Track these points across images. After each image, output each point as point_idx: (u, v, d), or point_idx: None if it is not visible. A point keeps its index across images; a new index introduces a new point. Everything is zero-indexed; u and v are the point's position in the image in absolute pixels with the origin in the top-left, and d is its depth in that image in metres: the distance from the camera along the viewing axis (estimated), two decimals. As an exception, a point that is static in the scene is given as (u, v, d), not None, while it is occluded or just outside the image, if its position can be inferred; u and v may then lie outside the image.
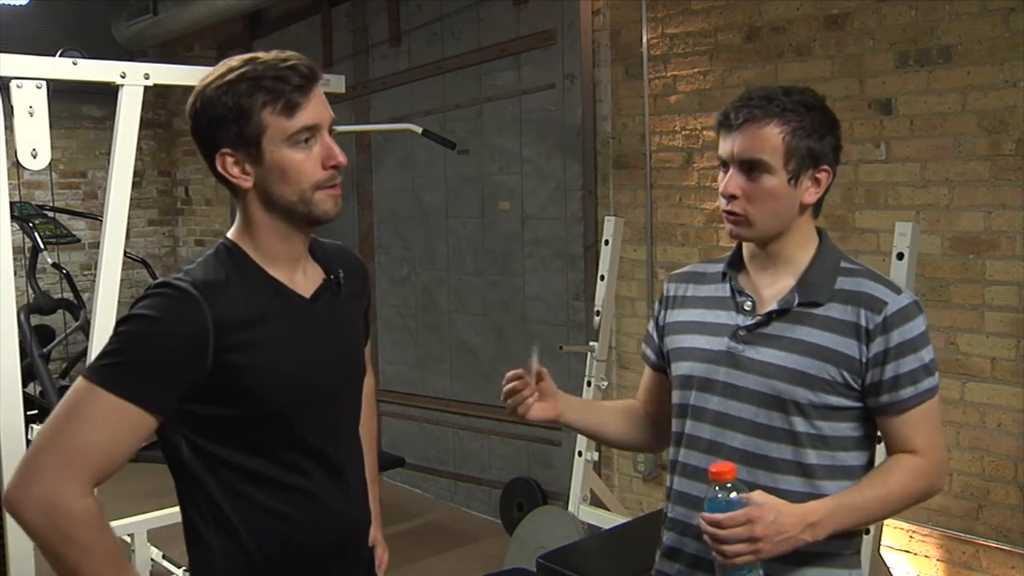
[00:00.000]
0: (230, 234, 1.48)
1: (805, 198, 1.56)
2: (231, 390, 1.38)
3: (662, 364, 1.75)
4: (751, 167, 1.53)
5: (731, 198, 1.56)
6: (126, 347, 1.35)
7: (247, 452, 1.42)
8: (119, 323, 1.39)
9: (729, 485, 1.42)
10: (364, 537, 1.62)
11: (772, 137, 1.52)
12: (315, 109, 1.40)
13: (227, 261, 1.44)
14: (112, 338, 1.37)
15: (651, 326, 1.79)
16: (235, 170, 1.41)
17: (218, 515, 1.43)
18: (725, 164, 1.58)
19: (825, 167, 1.56)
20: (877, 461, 1.60)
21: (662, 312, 1.75)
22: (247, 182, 1.41)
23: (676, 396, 1.67)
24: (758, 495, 1.44)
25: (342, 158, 1.42)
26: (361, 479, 1.60)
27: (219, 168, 1.41)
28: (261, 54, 1.41)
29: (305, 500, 1.46)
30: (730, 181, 1.56)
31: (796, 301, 1.55)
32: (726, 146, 1.56)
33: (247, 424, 1.41)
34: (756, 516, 1.41)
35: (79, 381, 1.36)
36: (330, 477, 1.50)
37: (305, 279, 1.50)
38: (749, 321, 1.58)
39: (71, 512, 1.29)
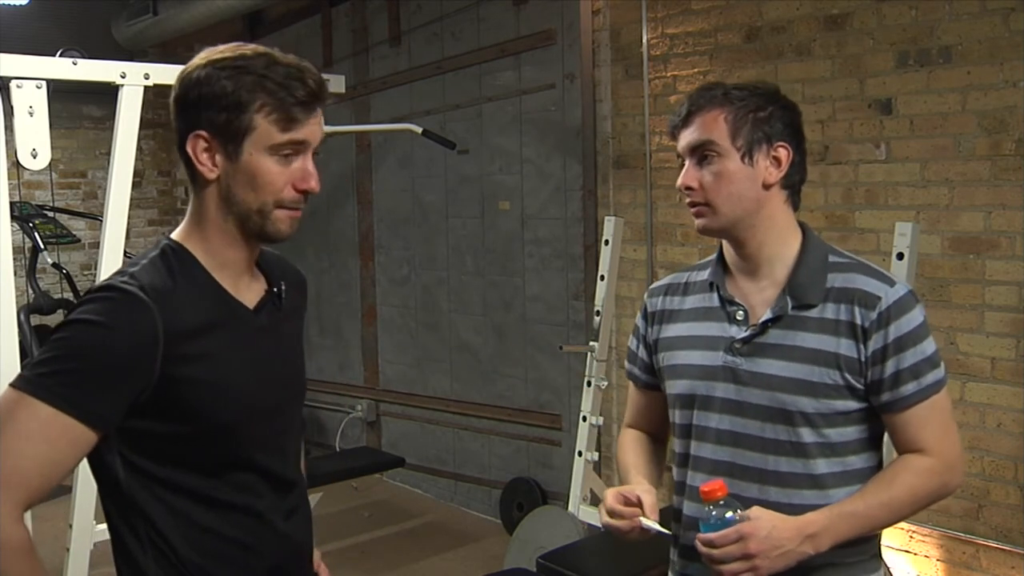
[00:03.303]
0: (175, 234, 1.38)
1: (766, 178, 1.51)
2: (176, 405, 1.28)
3: (653, 382, 1.69)
4: (702, 154, 1.51)
5: (689, 190, 1.53)
6: (66, 355, 1.23)
7: (191, 470, 1.32)
8: (57, 328, 1.26)
9: (722, 503, 1.39)
10: (307, 560, 1.52)
11: (715, 119, 1.50)
12: (309, 128, 1.33)
13: (173, 264, 1.33)
14: (49, 345, 1.24)
15: (634, 344, 1.73)
16: (203, 156, 1.31)
17: (155, 538, 1.32)
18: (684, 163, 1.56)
19: (781, 144, 1.51)
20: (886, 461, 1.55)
21: (648, 328, 1.68)
22: (212, 173, 1.32)
23: (677, 416, 1.61)
24: (754, 511, 1.40)
25: (315, 184, 1.34)
26: (305, 502, 1.51)
27: (188, 148, 1.32)
28: (278, 53, 1.33)
29: (251, 521, 1.37)
30: (686, 173, 1.53)
31: (789, 305, 1.50)
32: (679, 144, 1.55)
33: (191, 441, 1.31)
34: (748, 532, 1.37)
35: (8, 391, 1.22)
36: (276, 496, 1.41)
37: (249, 289, 1.41)
38: (744, 332, 1.53)
39: (1, 541, 1.18)
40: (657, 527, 1.47)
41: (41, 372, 1.22)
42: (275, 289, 1.45)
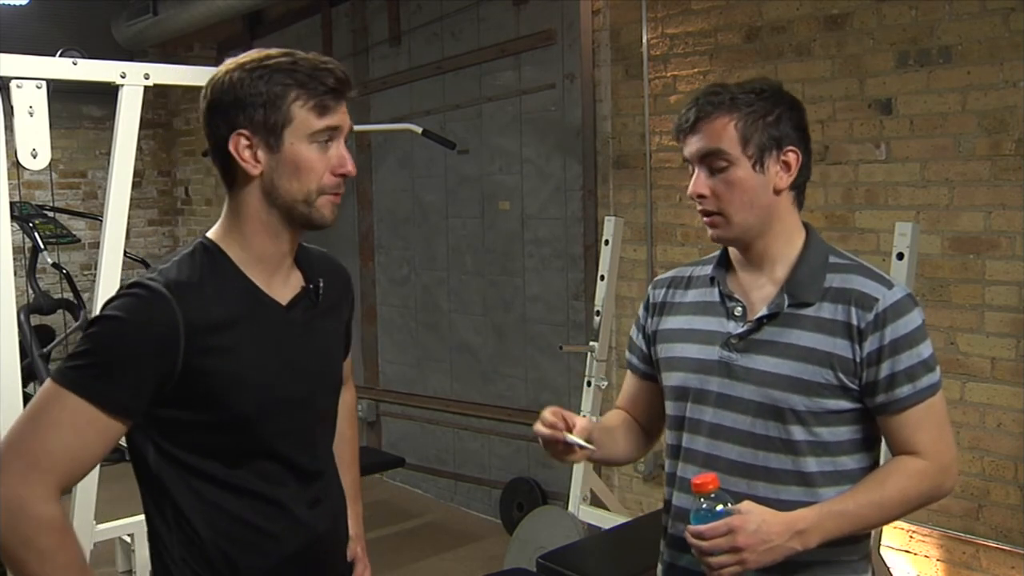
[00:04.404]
0: (211, 233, 1.45)
1: (777, 183, 1.51)
2: (199, 395, 1.35)
3: (650, 372, 1.71)
4: (713, 162, 1.51)
5: (700, 198, 1.53)
6: (94, 349, 1.31)
7: (215, 458, 1.39)
8: (89, 324, 1.35)
9: (713, 496, 1.40)
10: (335, 553, 1.57)
11: (725, 127, 1.49)
12: (341, 115, 1.40)
13: (204, 261, 1.40)
14: (81, 339, 1.33)
15: (635, 333, 1.74)
16: (247, 154, 1.38)
17: (182, 522, 1.39)
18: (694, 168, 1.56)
19: (791, 148, 1.51)
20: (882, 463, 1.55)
21: (649, 319, 1.70)
22: (255, 169, 1.38)
23: (670, 407, 1.63)
24: (745, 505, 1.41)
25: (352, 168, 1.41)
26: (334, 493, 1.56)
27: (231, 147, 1.37)
28: (300, 52, 1.40)
29: (273, 509, 1.43)
30: (696, 181, 1.53)
31: (786, 303, 1.50)
32: (686, 149, 1.54)
33: (214, 429, 1.37)
34: (737, 525, 1.38)
35: (47, 383, 1.32)
36: (300, 486, 1.46)
37: (284, 285, 1.47)
38: (740, 328, 1.53)
39: (33, 517, 1.25)
40: (579, 441, 1.52)
41: (72, 365, 1.31)
42: (312, 286, 1.50)
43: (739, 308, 1.55)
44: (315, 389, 1.51)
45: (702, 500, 1.40)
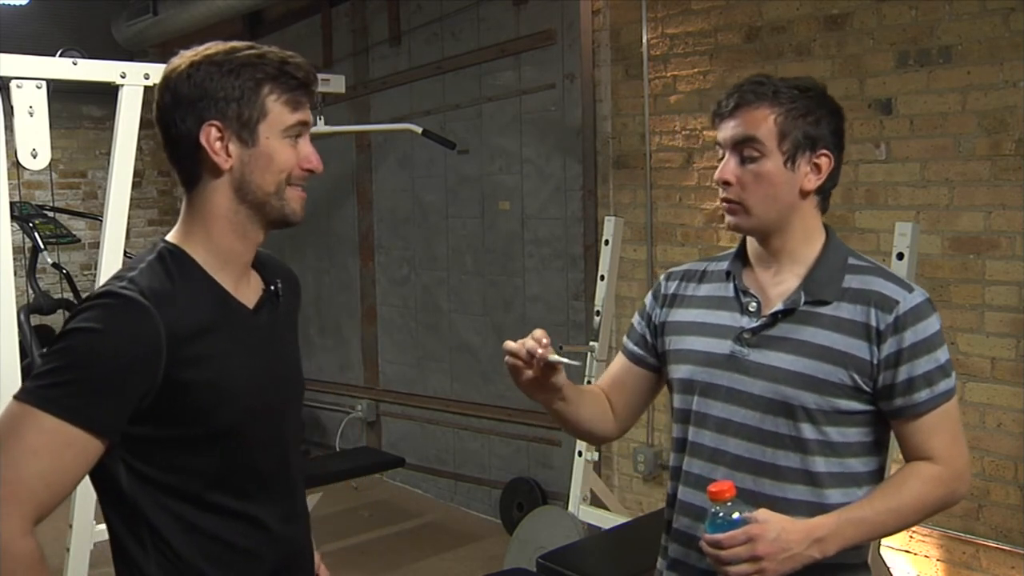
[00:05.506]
0: (171, 236, 1.38)
1: (805, 184, 1.50)
2: (177, 408, 1.27)
3: (640, 355, 1.70)
4: (745, 150, 1.49)
5: (726, 184, 1.52)
6: (69, 364, 1.21)
7: (193, 477, 1.32)
8: (58, 338, 1.25)
9: (730, 503, 1.37)
10: (308, 563, 1.53)
11: (764, 118, 1.49)
12: (308, 111, 1.38)
13: (171, 266, 1.32)
14: (51, 355, 1.23)
15: (637, 320, 1.73)
16: (218, 146, 1.31)
17: (159, 544, 1.31)
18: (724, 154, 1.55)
19: (824, 152, 1.50)
20: (890, 467, 1.55)
21: (658, 309, 1.69)
22: (227, 163, 1.32)
23: (677, 400, 1.62)
24: (762, 513, 1.39)
25: (319, 165, 1.38)
26: (303, 506, 1.52)
27: (202, 139, 1.31)
28: (263, 46, 1.37)
29: (253, 526, 1.38)
30: (725, 167, 1.52)
31: (803, 300, 1.49)
32: (720, 134, 1.54)
33: (193, 445, 1.30)
34: (757, 534, 1.35)
35: (12, 404, 1.21)
36: (277, 502, 1.42)
37: (247, 288, 1.41)
38: (754, 323, 1.52)
39: (12, 556, 1.17)
40: (562, 359, 1.52)
41: (44, 383, 1.21)
42: (272, 288, 1.45)
43: (754, 303, 1.54)
44: (287, 396, 1.46)
45: (718, 508, 1.38)
